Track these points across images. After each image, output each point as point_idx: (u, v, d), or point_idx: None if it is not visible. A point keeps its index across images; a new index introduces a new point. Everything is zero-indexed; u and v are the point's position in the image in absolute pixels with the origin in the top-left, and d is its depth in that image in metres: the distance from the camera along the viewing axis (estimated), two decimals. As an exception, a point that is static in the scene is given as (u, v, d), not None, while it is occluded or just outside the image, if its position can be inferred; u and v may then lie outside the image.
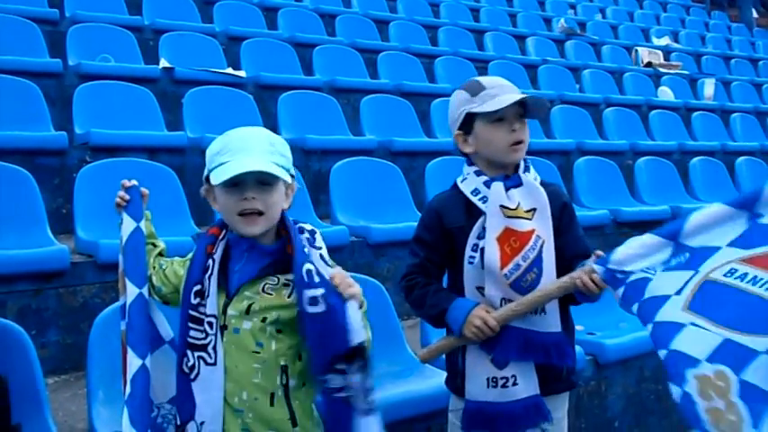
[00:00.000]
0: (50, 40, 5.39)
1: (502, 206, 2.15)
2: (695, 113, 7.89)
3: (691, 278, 1.95)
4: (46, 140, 3.95)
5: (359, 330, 1.70)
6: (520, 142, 2.19)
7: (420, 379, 2.84)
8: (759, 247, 1.91)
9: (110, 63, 5.15)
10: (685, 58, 10.09)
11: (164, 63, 5.47)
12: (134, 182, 2.00)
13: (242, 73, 5.66)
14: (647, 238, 2.05)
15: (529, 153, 5.72)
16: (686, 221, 2.02)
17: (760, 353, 1.76)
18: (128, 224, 1.97)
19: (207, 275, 1.82)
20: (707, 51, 10.87)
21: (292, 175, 1.88)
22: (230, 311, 1.80)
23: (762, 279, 1.86)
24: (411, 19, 8.46)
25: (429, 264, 2.23)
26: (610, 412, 3.42)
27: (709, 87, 8.84)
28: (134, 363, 1.86)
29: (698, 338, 1.85)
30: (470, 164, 2.25)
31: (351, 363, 1.71)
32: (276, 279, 1.82)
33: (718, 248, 1.95)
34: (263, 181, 1.79)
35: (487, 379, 2.16)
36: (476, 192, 2.19)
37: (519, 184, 2.19)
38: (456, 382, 2.24)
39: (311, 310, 1.71)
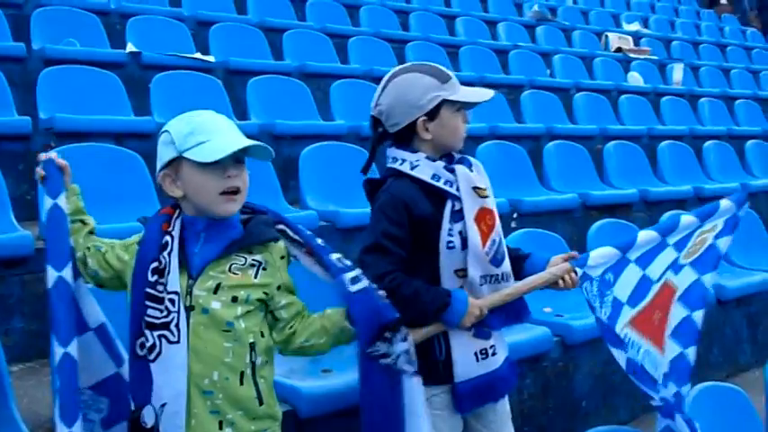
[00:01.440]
0: (14, 24, 5.29)
1: (475, 188, 2.21)
2: (664, 98, 7.97)
3: None
4: (9, 125, 3.89)
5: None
6: (466, 131, 2.31)
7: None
8: (640, 303, 2.28)
9: (75, 47, 5.06)
10: (655, 44, 10.18)
11: (131, 48, 5.39)
12: (51, 154, 1.92)
13: (211, 58, 5.61)
14: (609, 250, 2.37)
15: (499, 138, 5.74)
16: (637, 237, 2.40)
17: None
18: (45, 201, 1.86)
19: (166, 252, 1.80)
20: (676, 37, 10.98)
21: None
22: (197, 291, 1.80)
23: (636, 344, 2.37)
24: (382, 4, 8.42)
25: (401, 260, 2.16)
26: (577, 393, 3.47)
27: (677, 72, 8.94)
28: (57, 352, 1.76)
29: None
30: (412, 151, 2.24)
31: (396, 331, 1.88)
32: (243, 259, 1.84)
33: (622, 305, 2.35)
34: (239, 159, 1.83)
35: (476, 354, 2.22)
36: (436, 177, 2.20)
37: (471, 164, 2.28)
38: (435, 370, 2.21)
39: (356, 288, 1.90)
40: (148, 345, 1.78)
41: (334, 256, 1.96)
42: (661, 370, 2.37)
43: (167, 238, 1.82)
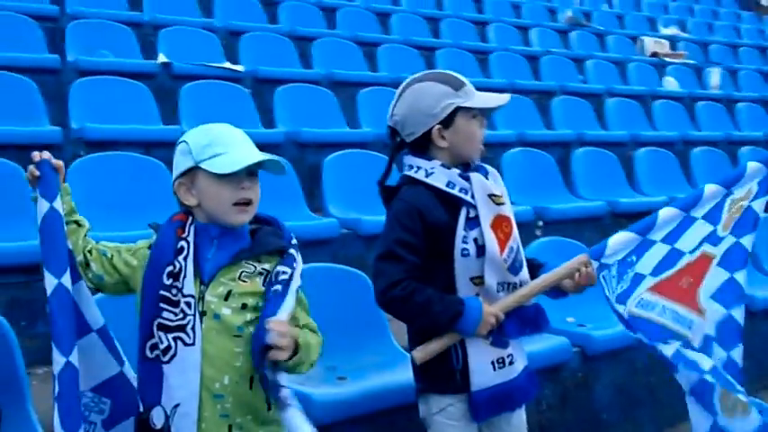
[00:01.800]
0: (50, 37, 5.44)
1: (490, 195, 2.21)
2: (700, 103, 7.83)
3: None
4: (40, 135, 3.99)
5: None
6: (483, 139, 2.30)
7: (403, 370, 2.84)
8: (665, 272, 2.26)
9: (107, 59, 5.18)
10: (692, 47, 10.01)
11: (162, 58, 5.50)
12: (45, 154, 1.88)
13: (240, 67, 5.69)
14: (627, 235, 2.36)
15: (527, 144, 5.71)
16: (657, 217, 2.37)
17: None
18: (41, 204, 1.82)
19: (182, 257, 1.85)
20: (714, 40, 10.78)
21: None
22: (209, 297, 1.83)
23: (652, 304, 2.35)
24: (413, 11, 8.44)
25: (415, 268, 2.15)
26: (597, 405, 3.42)
27: (715, 77, 8.78)
28: (58, 361, 1.76)
29: None
30: (428, 159, 2.24)
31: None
32: (252, 267, 1.88)
33: (644, 276, 2.26)
34: (253, 172, 1.89)
35: (493, 362, 2.21)
36: (451, 184, 2.20)
37: (486, 172, 2.28)
38: (452, 379, 2.21)
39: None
40: (162, 347, 1.81)
41: (282, 269, 1.90)
42: (700, 332, 2.33)
43: (183, 243, 1.86)
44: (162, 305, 1.83)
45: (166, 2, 6.61)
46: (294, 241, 1.96)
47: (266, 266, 1.88)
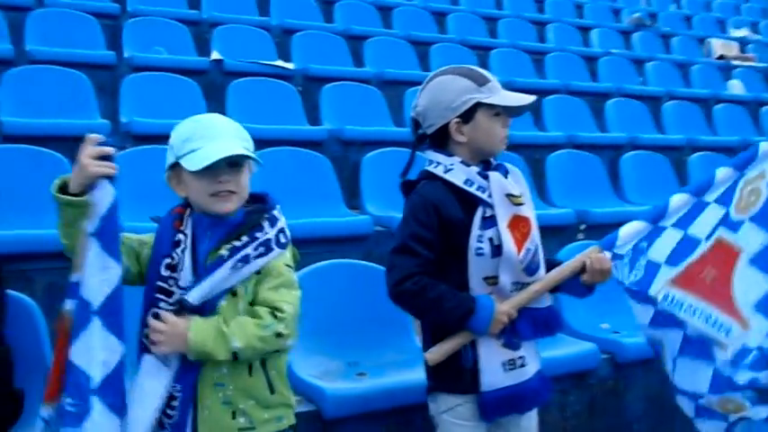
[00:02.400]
0: (110, 34, 5.63)
1: (508, 195, 2.19)
2: (766, 108, 7.53)
3: None
4: (89, 128, 4.10)
5: None
6: (507, 136, 2.27)
7: (423, 368, 2.85)
8: (682, 263, 2.20)
9: (160, 55, 5.32)
10: (763, 50, 9.64)
11: (215, 55, 5.62)
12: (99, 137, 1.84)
13: (290, 65, 5.76)
14: (638, 224, 2.37)
15: (577, 147, 5.61)
16: (669, 204, 2.35)
17: None
18: (107, 192, 1.79)
19: (180, 249, 1.88)
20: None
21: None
22: None
23: (683, 303, 2.29)
24: (471, 11, 8.39)
25: (429, 263, 2.15)
26: (628, 414, 3.34)
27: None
28: (117, 350, 1.80)
29: None
30: (448, 154, 2.23)
31: None
32: (231, 245, 1.88)
33: (659, 265, 2.23)
34: (234, 163, 1.87)
35: (503, 363, 2.19)
36: (469, 182, 2.18)
37: (507, 171, 2.26)
38: (461, 379, 2.21)
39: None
40: None
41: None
42: (739, 342, 2.21)
43: (180, 235, 1.90)
44: (158, 295, 1.87)
45: (225, 0, 6.75)
46: (275, 212, 1.94)
47: (237, 243, 1.88)
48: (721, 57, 8.98)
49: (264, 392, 1.90)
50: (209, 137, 1.86)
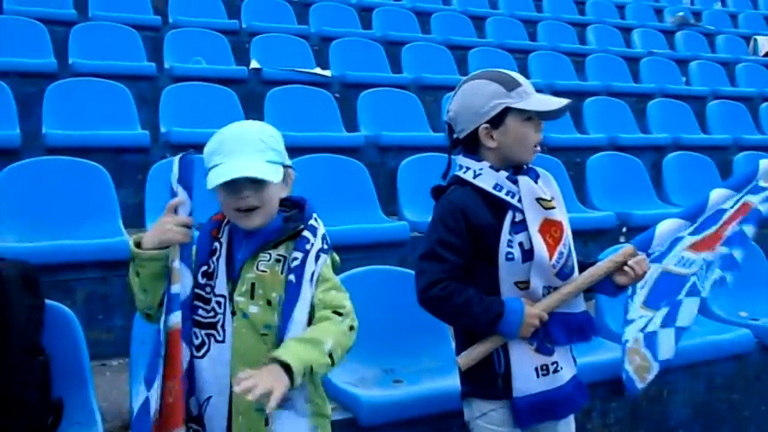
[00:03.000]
0: (153, 46, 5.73)
1: (538, 199, 2.16)
2: None
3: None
4: (128, 138, 4.22)
5: None
6: (540, 142, 2.22)
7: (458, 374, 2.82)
8: (706, 231, 2.22)
9: (199, 65, 5.40)
10: (814, 47, 9.36)
11: (254, 64, 5.68)
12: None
13: (327, 72, 5.79)
14: (675, 222, 2.35)
15: (619, 149, 5.52)
16: (708, 200, 2.37)
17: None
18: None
19: (215, 257, 1.90)
20: None
21: (288, 165, 1.94)
22: (237, 297, 1.87)
23: (691, 261, 2.36)
24: (510, 14, 8.33)
25: (457, 268, 2.13)
26: (673, 421, 3.25)
27: None
28: (186, 356, 1.86)
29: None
30: (478, 159, 2.20)
31: None
32: (268, 255, 1.89)
33: (681, 238, 2.22)
34: (256, 179, 1.86)
35: (536, 369, 2.15)
36: (498, 187, 2.15)
37: (537, 175, 2.23)
38: (494, 384, 2.18)
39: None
40: (197, 342, 1.88)
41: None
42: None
43: (216, 244, 1.92)
44: (196, 303, 1.89)
45: (263, 10, 6.83)
46: (312, 221, 1.93)
47: (282, 252, 1.89)
48: (768, 54, 8.77)
49: (299, 400, 1.88)
50: (231, 152, 1.85)
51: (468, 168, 2.20)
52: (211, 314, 1.88)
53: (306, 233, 1.90)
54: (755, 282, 3.96)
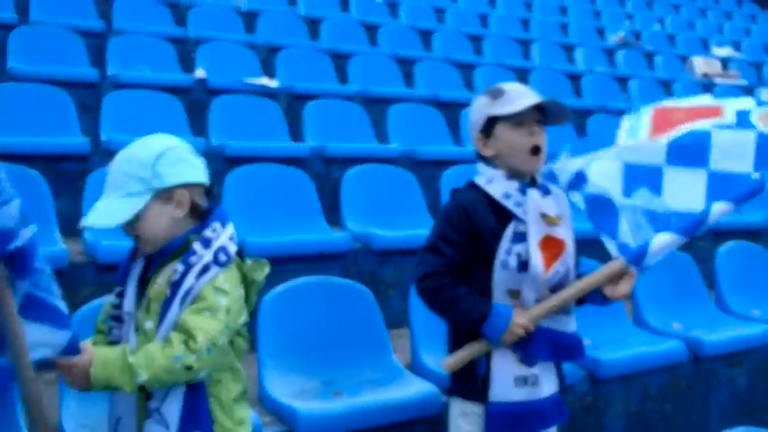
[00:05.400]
0: (95, 52, 5.62)
1: (542, 214, 2.19)
2: (748, 125, 7.58)
3: None
4: (67, 146, 4.13)
5: None
6: (538, 148, 2.22)
7: (402, 386, 2.84)
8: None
9: (143, 72, 5.32)
10: (745, 68, 9.73)
11: (200, 73, 5.62)
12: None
13: (273, 83, 5.77)
14: (670, 237, 2.20)
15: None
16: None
17: None
18: None
19: (128, 278, 1.89)
20: (770, 61, 10.47)
21: (171, 187, 1.82)
22: (138, 313, 1.85)
23: None
24: (457, 30, 8.45)
25: (454, 264, 2.20)
26: (608, 431, 3.33)
27: (766, 97, 8.50)
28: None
29: None
30: (494, 168, 2.25)
31: None
32: (171, 269, 1.82)
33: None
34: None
35: (515, 378, 2.19)
36: (507, 196, 2.20)
37: (548, 191, 2.25)
38: (474, 386, 2.22)
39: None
40: None
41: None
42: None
43: (133, 264, 1.90)
44: (112, 322, 1.90)
45: (211, 18, 6.77)
46: (209, 232, 1.81)
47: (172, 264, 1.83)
48: (705, 75, 9.06)
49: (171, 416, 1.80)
50: (104, 188, 1.86)
51: (482, 175, 2.27)
52: (120, 332, 1.88)
53: (195, 245, 1.79)
54: (688, 292, 4.08)
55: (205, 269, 1.78)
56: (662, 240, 2.20)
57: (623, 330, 3.64)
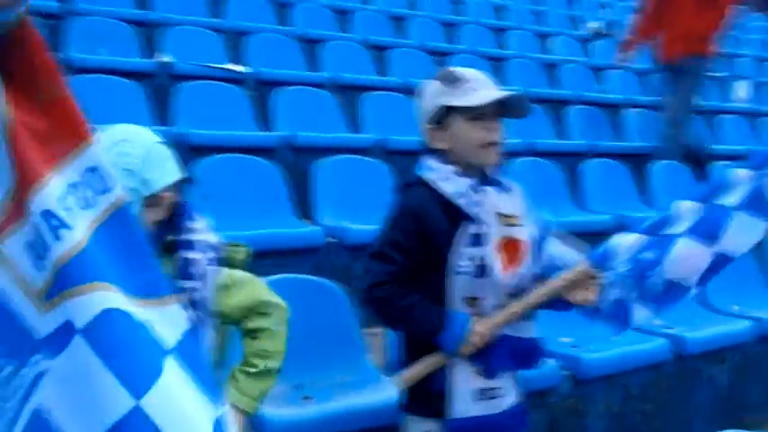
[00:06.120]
0: (52, 34, 5.35)
1: (499, 213, 2.02)
2: (724, 116, 7.55)
3: None
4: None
5: None
6: (494, 143, 2.04)
7: (375, 390, 2.68)
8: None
9: (102, 56, 5.08)
10: (721, 61, 9.69)
11: (163, 57, 5.39)
12: None
13: (241, 68, 5.55)
14: (632, 237, 2.11)
15: (537, 154, 5.51)
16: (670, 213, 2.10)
17: None
18: None
19: None
20: (742, 53, 10.46)
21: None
22: None
23: None
24: (431, 16, 8.27)
25: (405, 271, 2.01)
26: (590, 432, 3.21)
27: (741, 89, 8.49)
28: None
29: None
30: (446, 162, 2.06)
31: None
32: None
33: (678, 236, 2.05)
34: None
35: (475, 391, 2.05)
36: (459, 194, 2.01)
37: (504, 188, 2.09)
38: (433, 403, 2.07)
39: None
40: None
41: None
42: None
43: None
44: None
45: (175, 0, 6.52)
46: (195, 236, 1.84)
47: None
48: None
49: None
50: None
51: (431, 169, 2.06)
52: None
53: (187, 254, 1.85)
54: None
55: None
56: (622, 239, 2.11)
57: (605, 328, 3.52)
